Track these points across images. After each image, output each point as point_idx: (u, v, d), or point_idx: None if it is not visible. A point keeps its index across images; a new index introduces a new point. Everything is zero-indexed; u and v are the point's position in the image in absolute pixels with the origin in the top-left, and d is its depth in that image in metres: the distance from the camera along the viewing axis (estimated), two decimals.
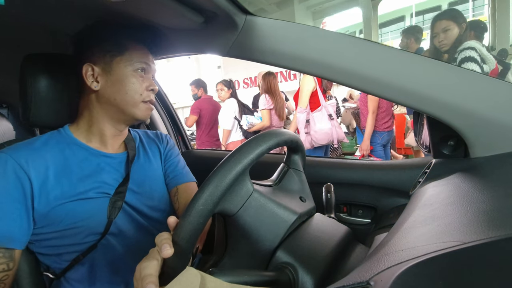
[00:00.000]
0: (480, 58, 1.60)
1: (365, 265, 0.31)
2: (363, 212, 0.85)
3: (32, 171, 0.61)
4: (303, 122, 2.30)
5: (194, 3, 0.60)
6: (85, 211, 0.64)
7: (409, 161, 0.84)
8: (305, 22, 7.55)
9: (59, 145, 0.68)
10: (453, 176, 0.51)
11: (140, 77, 0.70)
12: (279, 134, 0.51)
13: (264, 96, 2.75)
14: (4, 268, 0.58)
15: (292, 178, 0.61)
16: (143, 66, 0.71)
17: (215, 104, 3.30)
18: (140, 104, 0.70)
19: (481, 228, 0.27)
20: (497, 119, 0.51)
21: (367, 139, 2.46)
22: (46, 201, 0.61)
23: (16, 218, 0.59)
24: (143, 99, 0.70)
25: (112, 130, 0.73)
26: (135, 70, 0.69)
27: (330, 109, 2.34)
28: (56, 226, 0.62)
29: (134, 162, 0.75)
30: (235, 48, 0.68)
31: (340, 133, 2.35)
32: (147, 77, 0.72)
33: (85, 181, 0.65)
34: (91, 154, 0.70)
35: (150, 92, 0.71)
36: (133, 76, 0.69)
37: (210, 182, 0.41)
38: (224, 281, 0.36)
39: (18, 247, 0.60)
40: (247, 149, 0.45)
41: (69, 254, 0.65)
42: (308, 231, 0.52)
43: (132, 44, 0.71)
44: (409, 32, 2.71)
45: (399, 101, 0.57)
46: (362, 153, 2.49)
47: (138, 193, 0.73)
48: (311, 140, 2.29)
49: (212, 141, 3.25)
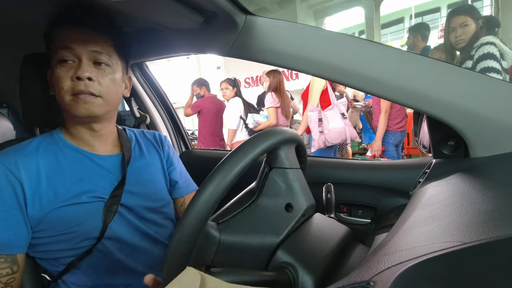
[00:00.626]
0: (499, 53, 1.55)
1: (365, 265, 0.31)
2: (363, 212, 0.85)
3: (24, 176, 0.59)
4: (316, 121, 2.23)
5: (194, 3, 0.60)
6: (80, 216, 0.62)
7: (409, 161, 0.84)
8: (306, 21, 7.54)
9: (51, 148, 0.66)
10: (453, 176, 0.51)
11: (64, 67, 0.60)
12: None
13: (270, 94, 2.68)
14: (8, 272, 0.58)
15: (274, 183, 0.52)
16: (64, 53, 0.60)
17: (218, 103, 3.24)
18: (67, 98, 0.61)
19: (481, 228, 0.27)
20: (497, 119, 0.51)
21: (379, 139, 2.38)
22: (40, 206, 0.60)
23: (12, 225, 0.58)
24: (70, 92, 0.60)
25: (85, 132, 0.68)
26: (59, 61, 0.61)
27: (342, 108, 2.29)
28: (50, 231, 0.61)
29: (130, 164, 0.72)
30: (235, 48, 0.68)
31: (353, 132, 2.30)
32: (73, 65, 0.61)
33: (79, 185, 0.64)
34: (84, 156, 0.68)
35: (76, 81, 0.60)
36: (57, 68, 0.61)
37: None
38: (224, 281, 0.36)
39: (17, 252, 0.59)
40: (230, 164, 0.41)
41: (65, 258, 0.64)
42: (308, 231, 0.52)
43: (57, 31, 0.62)
44: (416, 30, 2.61)
45: (399, 101, 0.57)
46: (373, 154, 2.42)
47: (135, 195, 0.71)
48: (324, 139, 2.23)
49: (216, 141, 3.18)
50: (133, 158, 0.75)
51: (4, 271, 0.58)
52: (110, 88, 0.65)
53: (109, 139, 0.73)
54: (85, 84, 0.60)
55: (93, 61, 0.63)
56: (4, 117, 1.11)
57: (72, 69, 0.60)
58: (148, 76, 1.25)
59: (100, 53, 0.63)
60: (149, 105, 1.28)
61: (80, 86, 0.60)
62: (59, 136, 0.68)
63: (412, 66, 0.56)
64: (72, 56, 0.61)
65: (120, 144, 0.75)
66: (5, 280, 0.58)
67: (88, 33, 0.62)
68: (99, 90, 0.62)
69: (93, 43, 0.62)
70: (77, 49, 0.60)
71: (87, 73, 0.60)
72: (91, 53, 0.62)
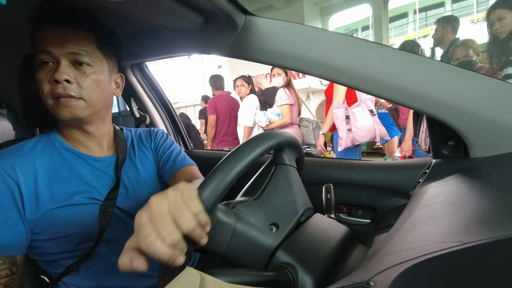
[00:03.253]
0: None
1: (365, 265, 0.31)
2: (363, 212, 0.85)
3: (21, 178, 0.59)
4: (342, 118, 2.11)
5: (194, 3, 0.60)
6: (76, 218, 0.62)
7: (409, 161, 0.84)
8: (312, 19, 7.48)
9: (47, 149, 0.65)
10: (453, 176, 0.51)
11: (44, 70, 0.59)
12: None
13: (284, 91, 2.54)
14: (7, 273, 0.58)
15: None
16: (42, 56, 0.58)
17: (232, 101, 3.10)
18: (49, 101, 0.60)
19: (481, 228, 0.27)
20: (497, 119, 0.51)
21: (409, 139, 2.19)
22: (36, 208, 0.60)
23: (10, 226, 0.58)
24: (50, 96, 0.59)
25: (78, 133, 0.67)
26: (38, 63, 0.59)
27: (370, 104, 2.15)
28: (48, 234, 0.61)
29: (125, 165, 0.71)
30: (235, 48, 0.68)
31: (382, 130, 2.18)
32: (52, 67, 0.59)
33: (74, 186, 0.63)
34: (80, 158, 0.67)
35: (54, 84, 0.58)
36: (37, 72, 0.60)
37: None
38: (224, 281, 0.36)
39: (16, 254, 0.59)
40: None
41: (64, 260, 0.64)
42: (308, 231, 0.52)
43: (36, 32, 0.60)
44: (446, 21, 2.39)
45: (399, 101, 0.57)
46: (403, 154, 2.27)
47: (131, 197, 0.69)
48: (352, 137, 2.11)
49: (230, 140, 3.05)
50: (128, 159, 0.74)
51: (3, 273, 0.57)
52: (92, 89, 0.62)
53: (104, 140, 0.71)
54: (63, 86, 0.58)
55: (73, 62, 0.60)
56: (3, 117, 1.11)
57: (51, 72, 0.59)
58: (148, 76, 1.25)
59: (79, 53, 0.60)
60: (148, 105, 1.28)
61: (59, 89, 0.58)
62: (55, 137, 0.68)
63: (412, 66, 0.56)
64: (50, 58, 0.59)
65: (116, 145, 0.74)
66: (5, 282, 0.58)
67: (66, 32, 0.59)
68: (79, 93, 0.60)
69: (71, 44, 0.59)
70: (54, 52, 0.58)
71: (65, 75, 0.58)
72: (69, 55, 0.59)
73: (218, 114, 3.03)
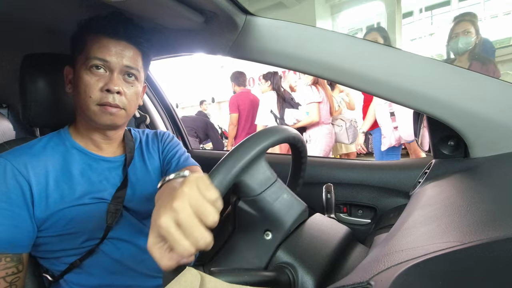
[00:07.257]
0: None
1: (365, 265, 0.31)
2: (363, 212, 0.85)
3: (32, 177, 0.60)
4: (387, 116, 1.98)
5: (194, 3, 0.60)
6: (83, 216, 0.63)
7: (409, 161, 0.85)
8: (322, 16, 7.39)
9: (58, 148, 0.66)
10: (453, 176, 0.51)
11: (94, 75, 0.61)
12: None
13: (310, 88, 2.42)
14: (14, 271, 0.58)
15: (246, 214, 0.49)
16: (97, 62, 0.61)
17: (253, 99, 2.99)
18: (93, 107, 0.62)
19: (481, 228, 0.27)
20: (497, 119, 0.51)
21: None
22: (46, 207, 0.60)
23: (19, 224, 0.58)
24: (97, 102, 0.61)
25: (98, 136, 0.69)
26: (89, 68, 0.61)
27: None
28: (54, 231, 0.62)
29: (132, 165, 0.72)
30: (235, 48, 0.68)
31: None
32: (104, 75, 0.62)
33: (84, 186, 0.64)
34: (90, 158, 0.68)
35: (105, 93, 0.61)
36: (86, 74, 0.61)
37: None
38: (224, 281, 0.36)
39: (23, 251, 0.60)
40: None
41: (68, 257, 0.64)
42: (308, 231, 0.52)
43: (91, 38, 0.62)
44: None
45: (399, 101, 0.57)
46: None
47: (138, 197, 0.70)
48: (399, 136, 1.97)
49: None
50: (136, 159, 0.75)
51: (10, 270, 0.58)
52: (133, 100, 0.66)
53: (117, 141, 0.74)
54: (114, 97, 0.62)
55: (124, 74, 0.64)
56: (4, 117, 1.11)
57: (103, 80, 0.61)
58: (148, 76, 1.25)
59: (132, 68, 0.64)
60: (148, 105, 1.28)
61: (109, 98, 0.61)
62: (66, 137, 0.69)
63: (412, 66, 0.56)
64: (104, 67, 0.62)
65: (124, 145, 0.75)
66: (10, 280, 0.58)
67: (125, 46, 0.63)
68: (124, 103, 0.64)
69: (127, 58, 0.63)
70: (112, 62, 0.62)
71: (118, 87, 0.62)
72: (124, 68, 0.63)
73: (241, 112, 2.92)
